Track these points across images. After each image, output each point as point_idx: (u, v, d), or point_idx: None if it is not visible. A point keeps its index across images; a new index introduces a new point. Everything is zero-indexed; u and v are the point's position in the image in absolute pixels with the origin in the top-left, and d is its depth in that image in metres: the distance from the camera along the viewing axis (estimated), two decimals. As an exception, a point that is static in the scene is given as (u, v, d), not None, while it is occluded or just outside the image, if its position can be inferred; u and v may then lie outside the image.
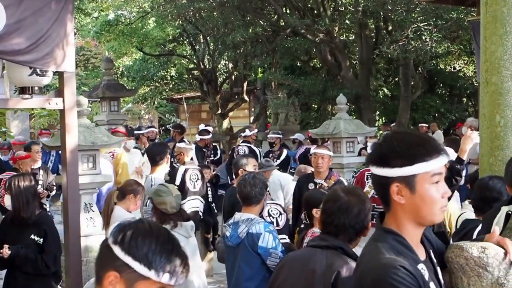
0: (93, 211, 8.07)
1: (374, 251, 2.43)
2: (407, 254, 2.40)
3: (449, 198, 2.74)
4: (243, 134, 13.55)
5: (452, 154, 7.51)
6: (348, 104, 12.15)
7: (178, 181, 7.87)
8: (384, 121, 25.80)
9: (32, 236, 5.75)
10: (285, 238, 6.91)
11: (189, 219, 5.86)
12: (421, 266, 2.40)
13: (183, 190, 7.57)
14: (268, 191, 5.62)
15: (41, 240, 5.76)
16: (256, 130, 13.88)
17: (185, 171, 7.99)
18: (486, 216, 4.04)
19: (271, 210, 6.60)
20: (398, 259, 2.34)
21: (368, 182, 9.42)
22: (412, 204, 2.42)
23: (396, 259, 2.33)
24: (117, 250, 1.99)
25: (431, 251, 2.55)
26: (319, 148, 8.02)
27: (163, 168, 7.55)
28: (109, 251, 2.01)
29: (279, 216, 6.69)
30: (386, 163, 2.42)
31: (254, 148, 12.79)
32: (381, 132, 22.53)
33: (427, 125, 18.72)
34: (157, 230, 2.06)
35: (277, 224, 6.58)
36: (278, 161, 12.88)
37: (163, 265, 1.99)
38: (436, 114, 23.97)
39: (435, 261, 2.54)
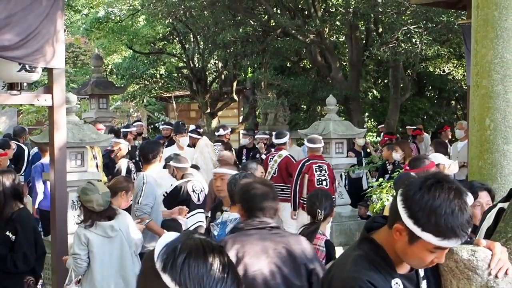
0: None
1: (347, 260, 2.48)
2: (382, 267, 2.43)
3: None
4: (217, 133, 13.55)
5: (440, 158, 7.54)
6: (338, 105, 12.15)
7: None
8: (373, 122, 25.87)
9: (7, 233, 5.74)
10: (202, 213, 7.54)
11: (112, 218, 5.76)
12: (395, 281, 2.43)
13: (188, 203, 7.53)
14: None
15: (13, 237, 5.74)
16: (229, 130, 13.83)
17: (188, 181, 7.89)
18: (484, 212, 4.08)
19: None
20: (368, 272, 2.38)
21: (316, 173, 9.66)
22: (402, 248, 2.41)
23: (364, 272, 2.38)
24: (167, 279, 1.73)
25: None
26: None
27: (156, 166, 7.49)
28: (156, 277, 1.75)
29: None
30: (407, 208, 2.36)
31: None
32: (371, 134, 22.60)
33: (414, 127, 18.76)
34: (211, 251, 1.78)
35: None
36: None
37: None
38: (425, 117, 24.02)
39: (422, 274, 2.56)
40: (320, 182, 9.79)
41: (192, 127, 14.04)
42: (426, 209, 2.30)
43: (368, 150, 15.16)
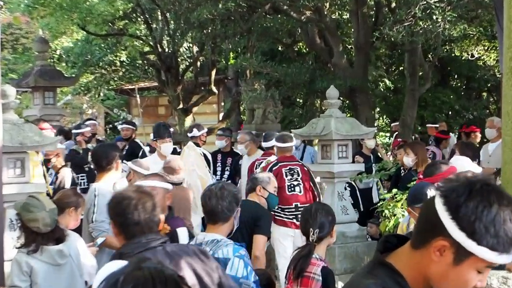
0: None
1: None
2: None
3: None
4: (190, 135, 13.40)
5: (466, 163, 7.55)
6: (341, 98, 12.18)
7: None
8: (385, 119, 25.93)
9: None
10: None
11: (61, 241, 5.76)
12: None
13: None
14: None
15: None
16: (205, 130, 13.76)
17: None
18: None
19: None
20: None
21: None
22: (442, 271, 2.39)
23: None
24: None
25: None
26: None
27: (112, 175, 7.46)
28: None
29: None
30: (459, 217, 2.32)
31: (204, 152, 12.71)
32: (383, 134, 22.62)
33: (437, 126, 18.77)
34: (163, 284, 1.76)
35: None
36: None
37: None
38: (450, 112, 24.12)
39: None
40: (292, 189, 9.99)
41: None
42: (482, 218, 2.28)
43: (379, 154, 15.18)
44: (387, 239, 2.63)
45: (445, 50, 22.07)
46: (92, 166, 11.31)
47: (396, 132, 19.01)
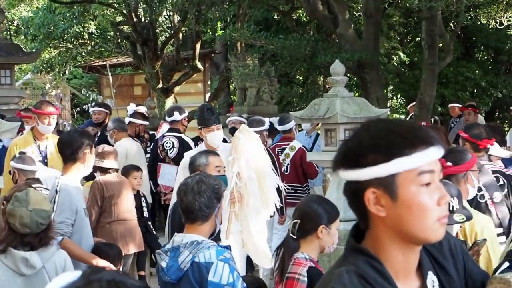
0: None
1: (330, 277, 2.55)
2: (379, 284, 2.48)
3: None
4: (169, 119, 13.32)
5: (495, 147, 7.61)
6: (348, 75, 12.18)
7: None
8: (399, 99, 25.94)
9: None
10: None
11: (34, 249, 5.70)
12: None
13: None
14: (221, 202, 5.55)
15: None
16: (187, 113, 13.75)
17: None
18: None
19: (166, 143, 7.23)
20: None
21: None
22: (396, 216, 2.49)
23: None
24: None
25: (432, 279, 2.62)
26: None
27: (79, 168, 7.41)
28: None
29: (170, 149, 7.43)
30: (355, 162, 2.49)
31: (186, 139, 12.72)
32: (398, 116, 22.64)
33: (460, 106, 18.80)
34: None
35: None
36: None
37: None
38: (475, 90, 24.14)
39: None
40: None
41: (130, 108, 14.02)
42: (367, 144, 2.50)
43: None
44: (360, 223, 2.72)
45: (469, 17, 22.06)
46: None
47: (412, 113, 19.02)
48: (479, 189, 7.02)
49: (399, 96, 26.13)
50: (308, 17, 22.75)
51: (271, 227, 10.65)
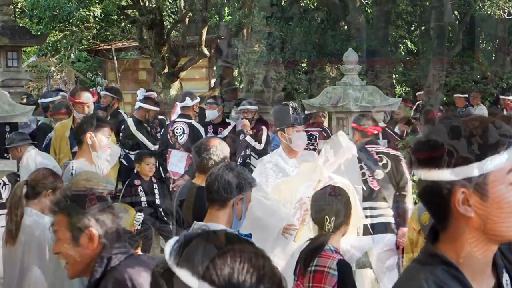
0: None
1: (411, 285, 2.50)
2: None
3: None
4: (181, 104, 13.23)
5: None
6: (360, 63, 12.08)
7: None
8: (404, 88, 25.87)
9: None
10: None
11: None
12: None
13: None
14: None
15: None
16: (198, 99, 13.69)
17: None
18: None
19: (177, 129, 7.16)
20: None
21: None
22: (484, 216, 2.44)
23: None
24: None
25: (506, 278, 2.59)
26: None
27: (86, 151, 7.46)
28: None
29: (180, 136, 7.35)
30: (443, 162, 2.43)
31: (197, 125, 12.69)
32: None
33: (466, 96, 18.76)
34: None
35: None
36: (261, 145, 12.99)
37: None
38: (482, 80, 24.09)
39: None
40: None
41: (141, 93, 13.96)
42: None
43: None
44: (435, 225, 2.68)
45: (477, 7, 22.00)
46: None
47: (419, 101, 18.94)
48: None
49: (404, 85, 26.05)
50: (316, 4, 22.68)
51: None
